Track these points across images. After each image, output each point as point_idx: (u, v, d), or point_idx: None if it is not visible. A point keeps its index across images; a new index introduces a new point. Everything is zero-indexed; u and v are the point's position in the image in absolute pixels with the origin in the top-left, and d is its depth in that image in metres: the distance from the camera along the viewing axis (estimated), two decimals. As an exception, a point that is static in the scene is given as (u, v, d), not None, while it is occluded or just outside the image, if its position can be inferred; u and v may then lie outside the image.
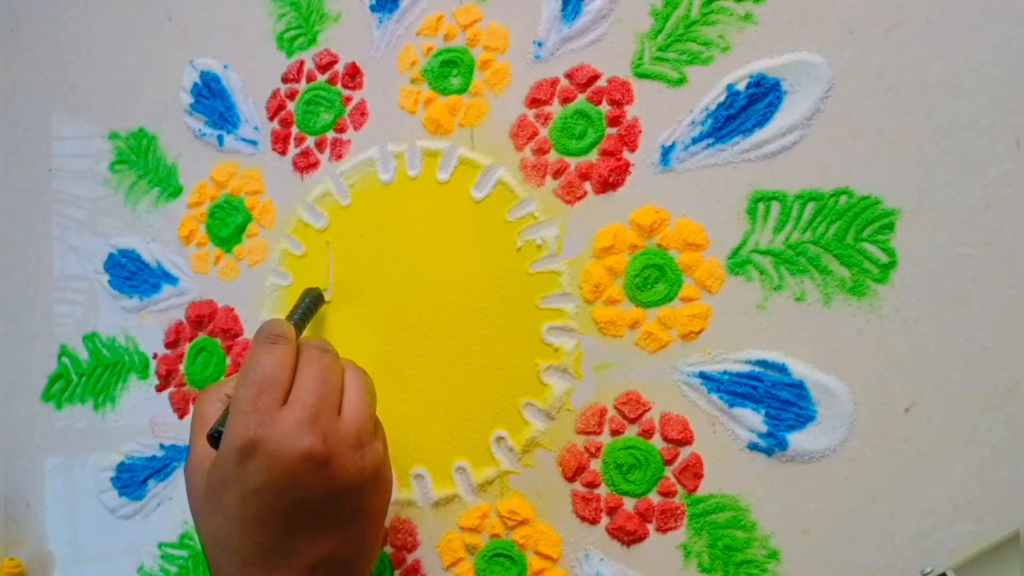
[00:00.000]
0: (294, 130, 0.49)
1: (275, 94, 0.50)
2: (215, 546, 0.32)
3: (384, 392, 0.42)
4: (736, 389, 0.35)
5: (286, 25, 0.50)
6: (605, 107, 0.40)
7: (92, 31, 0.58)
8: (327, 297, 0.45)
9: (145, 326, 0.53)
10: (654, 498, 0.37)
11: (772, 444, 0.34)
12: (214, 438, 0.33)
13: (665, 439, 0.37)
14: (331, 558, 0.32)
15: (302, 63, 0.49)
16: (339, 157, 0.47)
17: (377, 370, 0.41)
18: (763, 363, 0.35)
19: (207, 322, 0.50)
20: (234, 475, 0.31)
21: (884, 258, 0.34)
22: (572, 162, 0.40)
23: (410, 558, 0.42)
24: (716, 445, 0.36)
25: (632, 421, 0.38)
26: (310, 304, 0.43)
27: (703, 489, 0.36)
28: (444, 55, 0.44)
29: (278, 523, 0.31)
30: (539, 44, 0.42)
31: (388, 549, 0.42)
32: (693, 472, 0.36)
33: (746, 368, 0.36)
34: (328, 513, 0.32)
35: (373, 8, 0.47)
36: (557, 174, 0.41)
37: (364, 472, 0.33)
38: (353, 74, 0.47)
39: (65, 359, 0.56)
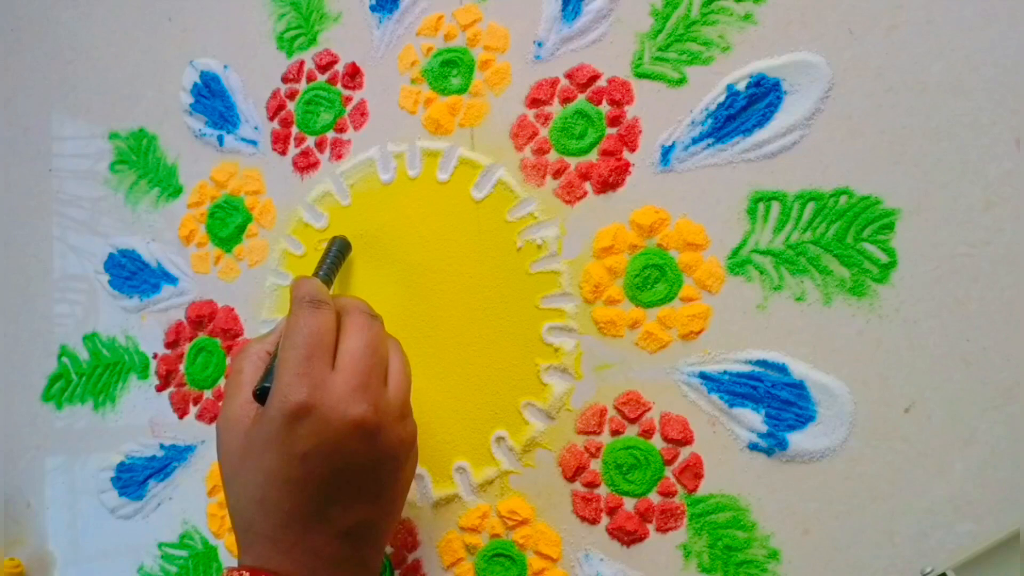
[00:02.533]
0: (294, 130, 0.49)
1: (275, 94, 0.50)
2: (249, 504, 0.31)
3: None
4: (736, 389, 0.35)
5: (286, 25, 0.50)
6: (605, 107, 0.40)
7: (92, 31, 0.58)
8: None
9: (145, 326, 0.53)
10: (654, 498, 0.37)
11: (772, 444, 0.34)
12: (259, 395, 0.33)
13: (665, 439, 0.37)
14: (363, 523, 0.32)
15: (302, 63, 0.49)
16: (339, 157, 0.47)
17: (377, 370, 0.41)
18: (763, 363, 0.35)
19: (207, 322, 0.50)
20: (281, 437, 0.30)
21: (884, 258, 0.34)
22: (572, 162, 0.40)
23: (410, 558, 0.42)
24: (716, 445, 0.36)
25: (632, 421, 0.38)
26: (337, 254, 0.42)
27: (703, 489, 0.36)
28: (444, 55, 0.44)
29: (320, 487, 0.31)
30: (539, 44, 0.42)
31: (388, 549, 0.42)
32: (693, 472, 0.36)
33: (746, 368, 0.36)
34: (368, 481, 0.32)
35: (373, 8, 0.47)
36: (557, 174, 0.41)
37: (404, 443, 0.33)
38: (353, 74, 0.47)
39: (65, 359, 0.56)
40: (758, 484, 0.35)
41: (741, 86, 0.37)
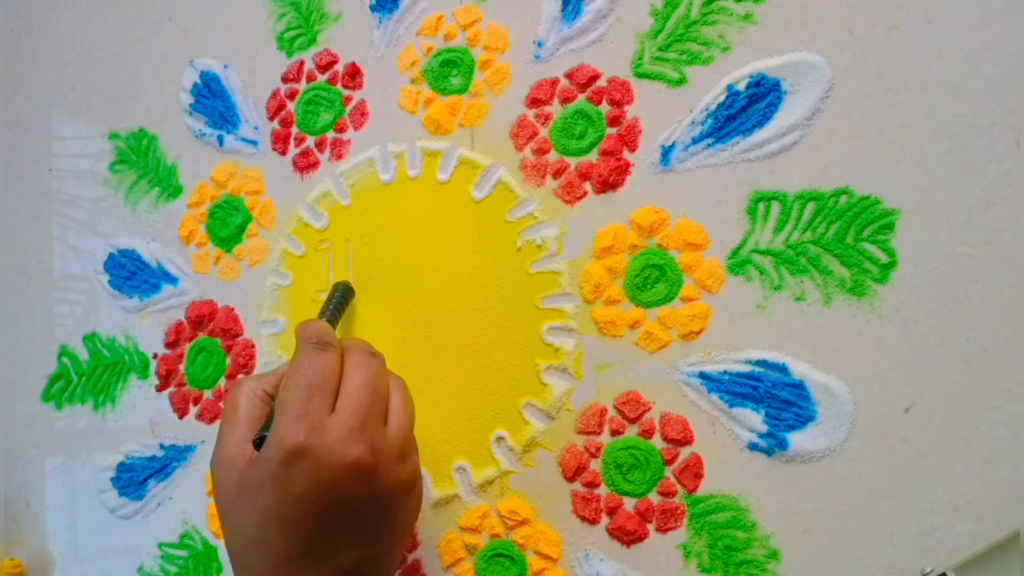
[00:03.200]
0: (294, 130, 0.49)
1: (275, 94, 0.50)
2: (246, 545, 0.31)
3: (384, 392, 0.42)
4: (736, 389, 0.35)
5: (286, 25, 0.50)
6: (605, 107, 0.40)
7: (92, 31, 0.58)
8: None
9: (145, 326, 0.53)
10: (654, 498, 0.37)
11: (772, 444, 0.34)
12: (258, 444, 0.33)
13: (665, 439, 0.37)
14: (362, 561, 0.32)
15: (302, 63, 0.49)
16: (339, 157, 0.47)
17: (377, 370, 0.41)
18: (763, 363, 0.35)
19: (207, 322, 0.50)
20: (277, 477, 0.30)
21: (884, 258, 0.34)
22: (572, 162, 0.40)
23: (410, 558, 0.42)
24: (716, 445, 0.36)
25: (632, 421, 0.38)
26: (341, 298, 0.42)
27: (703, 489, 0.36)
28: (444, 55, 0.44)
29: (315, 528, 0.31)
30: (539, 44, 0.42)
31: None
32: (693, 472, 0.36)
33: (746, 368, 0.36)
34: (365, 520, 0.32)
35: (373, 8, 0.47)
36: (557, 174, 0.41)
37: (404, 483, 0.33)
38: (353, 74, 0.47)
39: (65, 359, 0.56)
40: (758, 484, 0.35)
41: (741, 86, 0.37)
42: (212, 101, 0.52)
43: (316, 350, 0.34)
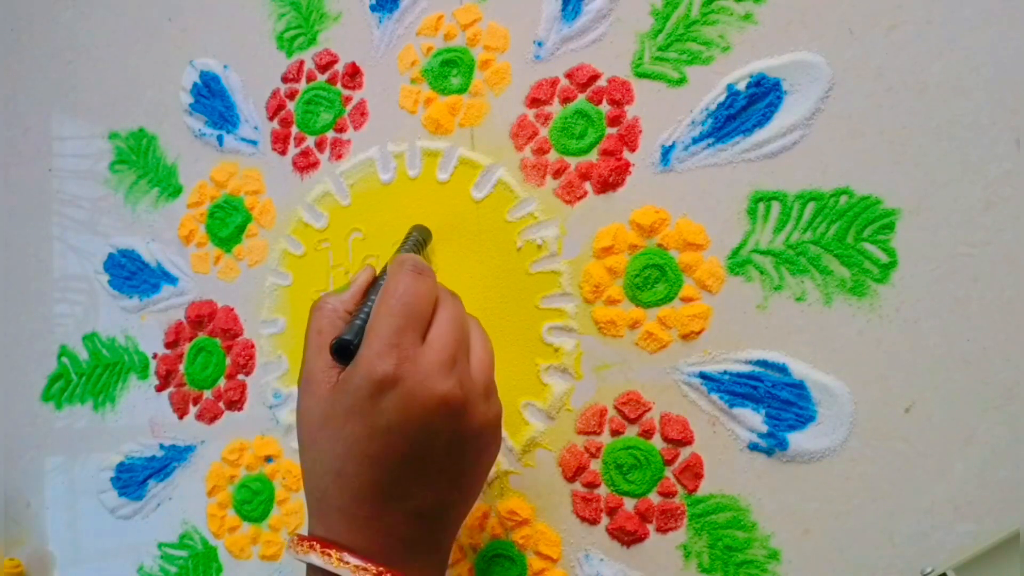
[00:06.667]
0: (294, 130, 0.49)
1: (275, 94, 0.50)
2: (325, 474, 0.30)
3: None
4: (736, 389, 0.35)
5: (286, 25, 0.50)
6: (605, 107, 0.40)
7: (92, 31, 0.58)
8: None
9: (145, 326, 0.53)
10: (654, 498, 0.37)
11: (772, 444, 0.34)
12: (337, 351, 0.31)
13: (665, 439, 0.37)
14: (439, 504, 0.31)
15: (302, 63, 0.49)
16: (339, 157, 0.47)
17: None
18: (763, 363, 0.35)
19: (207, 322, 0.50)
20: (365, 408, 0.29)
21: (884, 258, 0.34)
22: (572, 162, 0.40)
23: (410, 558, 0.42)
24: (716, 445, 0.36)
25: (632, 421, 0.38)
26: (419, 239, 0.40)
27: (703, 489, 0.36)
28: (444, 55, 0.44)
29: (400, 464, 0.30)
30: (539, 44, 0.42)
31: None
32: (693, 472, 0.36)
33: (746, 368, 0.35)
34: (448, 460, 0.31)
35: (373, 8, 0.47)
36: (557, 174, 0.41)
37: (488, 422, 0.32)
38: (353, 74, 0.47)
39: (65, 359, 0.56)
40: (758, 484, 0.35)
41: (741, 86, 0.37)
42: (212, 101, 0.52)
43: (413, 274, 0.32)
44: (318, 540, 0.29)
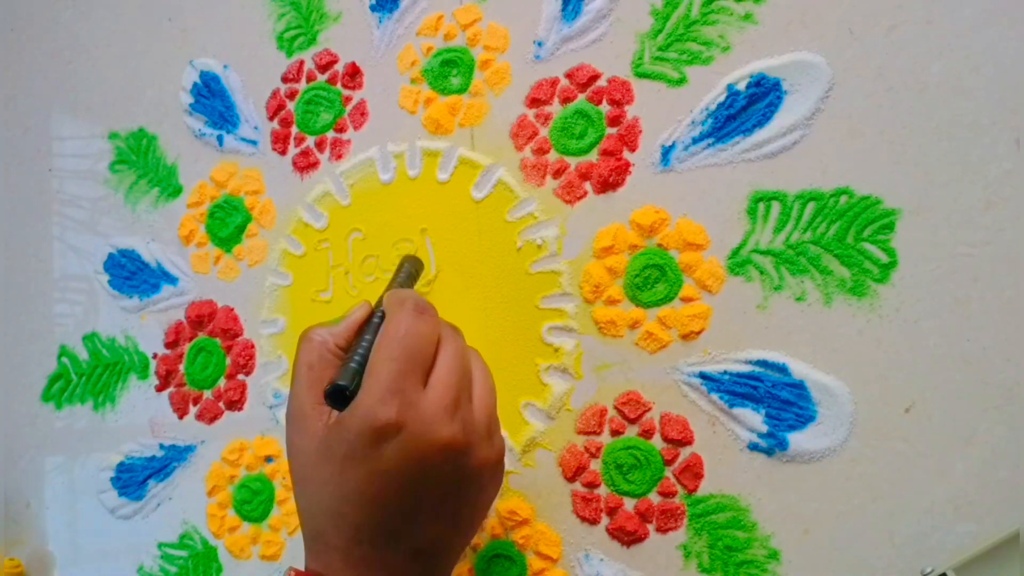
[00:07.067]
0: (294, 130, 0.49)
1: (275, 94, 0.50)
2: (321, 514, 0.30)
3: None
4: (736, 389, 0.35)
5: (286, 25, 0.50)
6: (605, 107, 0.40)
7: (92, 31, 0.58)
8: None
9: (145, 326, 0.53)
10: (654, 498, 0.37)
11: (772, 444, 0.34)
12: (331, 396, 0.30)
13: (665, 439, 0.37)
14: (437, 542, 0.31)
15: (302, 63, 0.49)
16: (339, 157, 0.47)
17: (377, 370, 0.41)
18: (763, 363, 0.35)
19: (207, 322, 0.50)
20: (366, 454, 0.29)
21: (884, 258, 0.34)
22: (572, 162, 0.40)
23: (410, 558, 0.42)
24: (716, 445, 0.36)
25: (632, 421, 0.38)
26: (411, 272, 0.39)
27: (703, 489, 0.36)
28: (444, 55, 0.44)
29: (398, 506, 0.29)
30: (539, 44, 0.42)
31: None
32: (693, 472, 0.36)
33: (746, 368, 0.35)
34: (448, 501, 0.31)
35: (373, 8, 0.47)
36: (557, 174, 0.41)
37: (491, 462, 0.31)
38: (353, 74, 0.47)
39: (65, 359, 0.56)
40: (758, 484, 0.35)
41: (741, 86, 0.37)
42: (212, 101, 0.52)
43: (415, 314, 0.31)
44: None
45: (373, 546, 0.29)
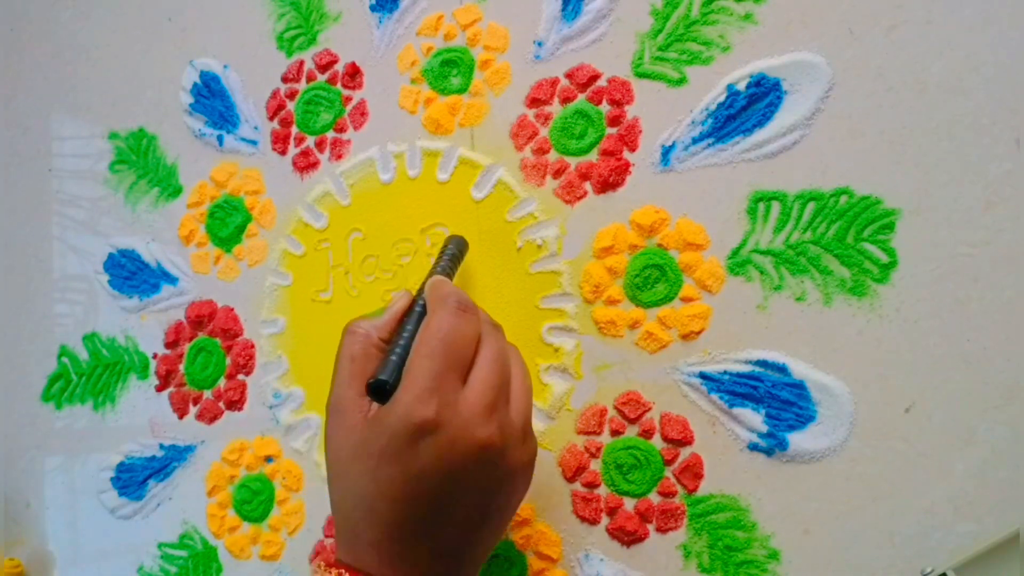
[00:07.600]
0: (294, 130, 0.49)
1: (275, 94, 0.50)
2: (356, 508, 0.30)
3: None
4: (736, 389, 0.35)
5: (286, 25, 0.50)
6: (605, 107, 0.40)
7: (92, 31, 0.58)
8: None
9: (145, 326, 0.53)
10: (654, 498, 0.37)
11: (772, 444, 0.34)
12: (372, 387, 0.30)
13: (665, 439, 0.37)
14: (466, 542, 0.31)
15: (302, 63, 0.49)
16: (339, 157, 0.47)
17: (377, 370, 0.41)
18: (763, 363, 0.35)
19: (207, 322, 0.50)
20: (402, 451, 0.29)
21: (884, 258, 0.34)
22: (572, 162, 0.40)
23: (410, 558, 0.42)
24: (716, 445, 0.36)
25: (632, 421, 0.38)
26: (455, 253, 0.39)
27: (703, 489, 0.36)
28: (444, 55, 0.44)
29: (431, 506, 0.29)
30: (539, 44, 0.42)
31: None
32: (693, 472, 0.36)
33: (746, 368, 0.35)
34: (482, 503, 0.31)
35: (373, 8, 0.47)
36: (557, 174, 0.41)
37: (524, 465, 0.31)
38: (353, 74, 0.47)
39: (65, 359, 0.56)
40: (758, 484, 0.35)
41: (741, 86, 0.37)
42: (212, 101, 0.52)
43: (456, 312, 0.31)
44: (347, 569, 0.30)
45: (405, 543, 0.30)
